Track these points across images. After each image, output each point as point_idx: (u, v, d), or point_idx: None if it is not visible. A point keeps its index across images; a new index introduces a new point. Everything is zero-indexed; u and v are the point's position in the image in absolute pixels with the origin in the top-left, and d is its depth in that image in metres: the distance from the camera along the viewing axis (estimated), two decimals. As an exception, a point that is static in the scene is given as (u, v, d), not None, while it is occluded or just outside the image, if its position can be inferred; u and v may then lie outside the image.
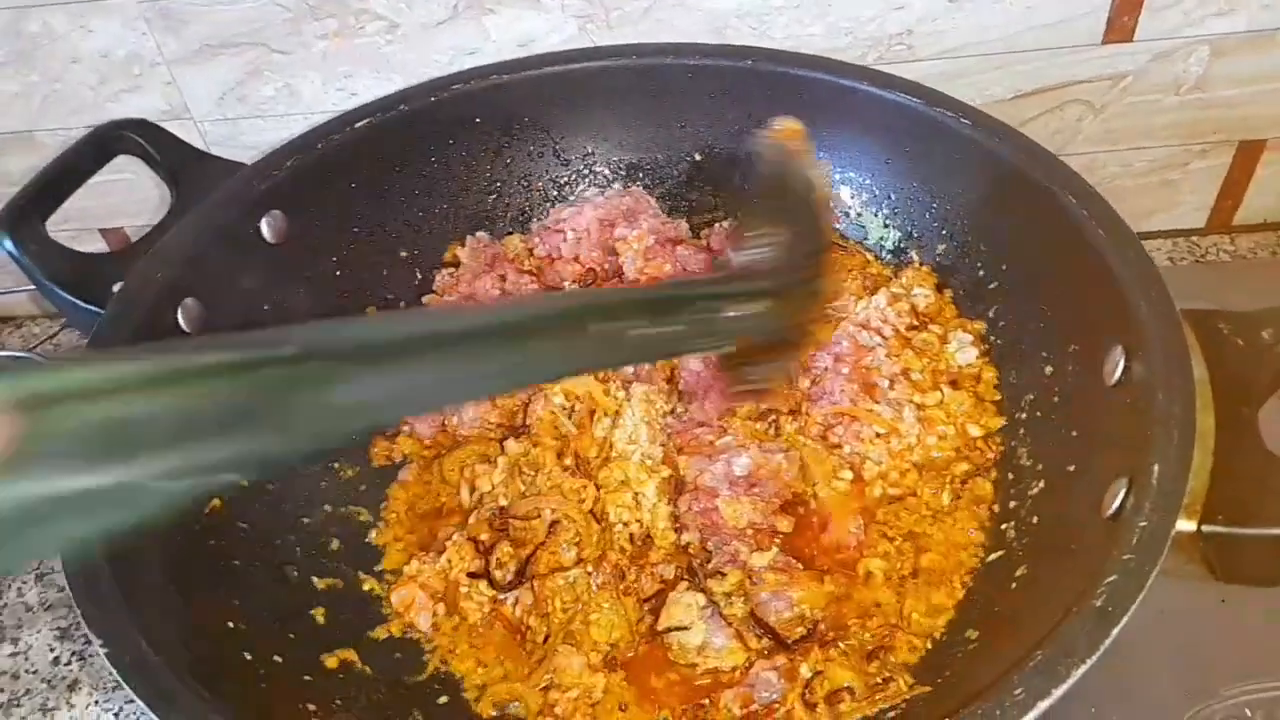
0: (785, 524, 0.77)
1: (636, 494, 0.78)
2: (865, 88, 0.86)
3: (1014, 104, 1.07)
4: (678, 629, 0.71)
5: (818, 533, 0.78)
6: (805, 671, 0.68)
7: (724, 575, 0.73)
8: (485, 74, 0.91)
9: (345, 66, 1.04)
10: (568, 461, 0.79)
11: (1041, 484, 0.73)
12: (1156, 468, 0.56)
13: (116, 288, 0.74)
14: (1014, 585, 0.68)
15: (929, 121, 0.83)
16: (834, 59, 0.89)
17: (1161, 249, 1.18)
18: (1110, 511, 0.59)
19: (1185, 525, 0.54)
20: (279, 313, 0.84)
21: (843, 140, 0.91)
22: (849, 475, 0.80)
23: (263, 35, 1.01)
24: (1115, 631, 0.50)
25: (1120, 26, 1.02)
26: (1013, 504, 0.74)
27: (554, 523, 0.75)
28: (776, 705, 0.67)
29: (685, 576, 0.75)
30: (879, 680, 0.67)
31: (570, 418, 0.81)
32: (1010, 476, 0.76)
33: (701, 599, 0.72)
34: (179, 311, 0.76)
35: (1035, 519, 0.71)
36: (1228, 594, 0.76)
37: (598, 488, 0.78)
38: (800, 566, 0.74)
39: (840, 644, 0.69)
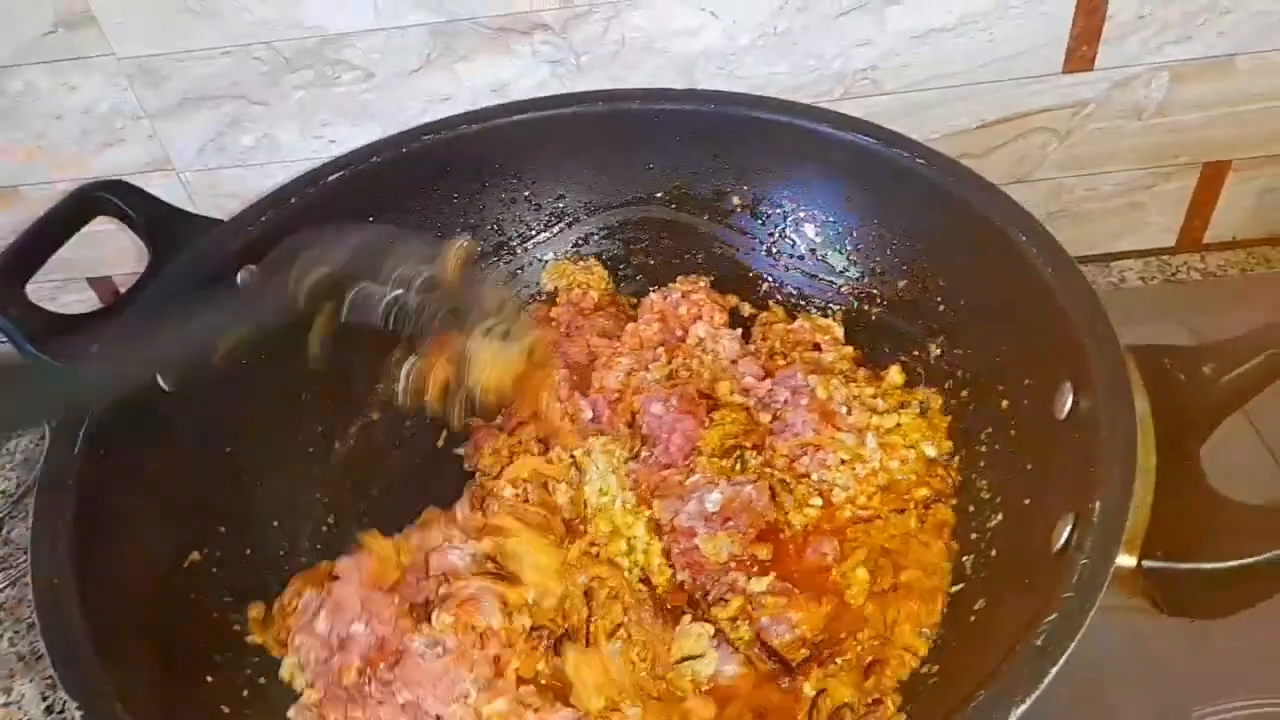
0: (764, 551, 0.78)
1: (629, 539, 0.80)
2: (824, 129, 0.87)
3: (979, 133, 1.09)
4: (690, 658, 0.73)
5: (796, 557, 0.79)
6: (809, 690, 0.70)
7: (726, 602, 0.74)
8: (455, 124, 0.93)
9: (323, 115, 1.06)
10: (552, 537, 0.80)
11: (1000, 516, 0.74)
12: (1099, 504, 0.57)
13: (94, 348, 0.75)
14: (973, 619, 0.69)
15: (886, 161, 0.85)
16: (794, 101, 0.91)
17: (1132, 269, 1.19)
18: (1058, 547, 0.60)
19: (1125, 561, 0.56)
20: (268, 367, 0.85)
21: (804, 179, 0.94)
22: (819, 501, 0.81)
23: (241, 88, 1.04)
24: (1054, 670, 0.51)
25: (1080, 56, 1.04)
26: (973, 535, 0.76)
27: (587, 590, 0.76)
28: None
29: (686, 609, 0.77)
30: (870, 701, 0.69)
31: (527, 501, 0.82)
32: (971, 509, 0.78)
33: (710, 629, 0.74)
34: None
35: (994, 552, 0.73)
36: (1169, 634, 0.76)
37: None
38: (796, 590, 0.75)
39: (838, 660, 0.71)
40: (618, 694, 0.70)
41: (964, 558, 0.75)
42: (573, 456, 0.84)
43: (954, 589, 0.73)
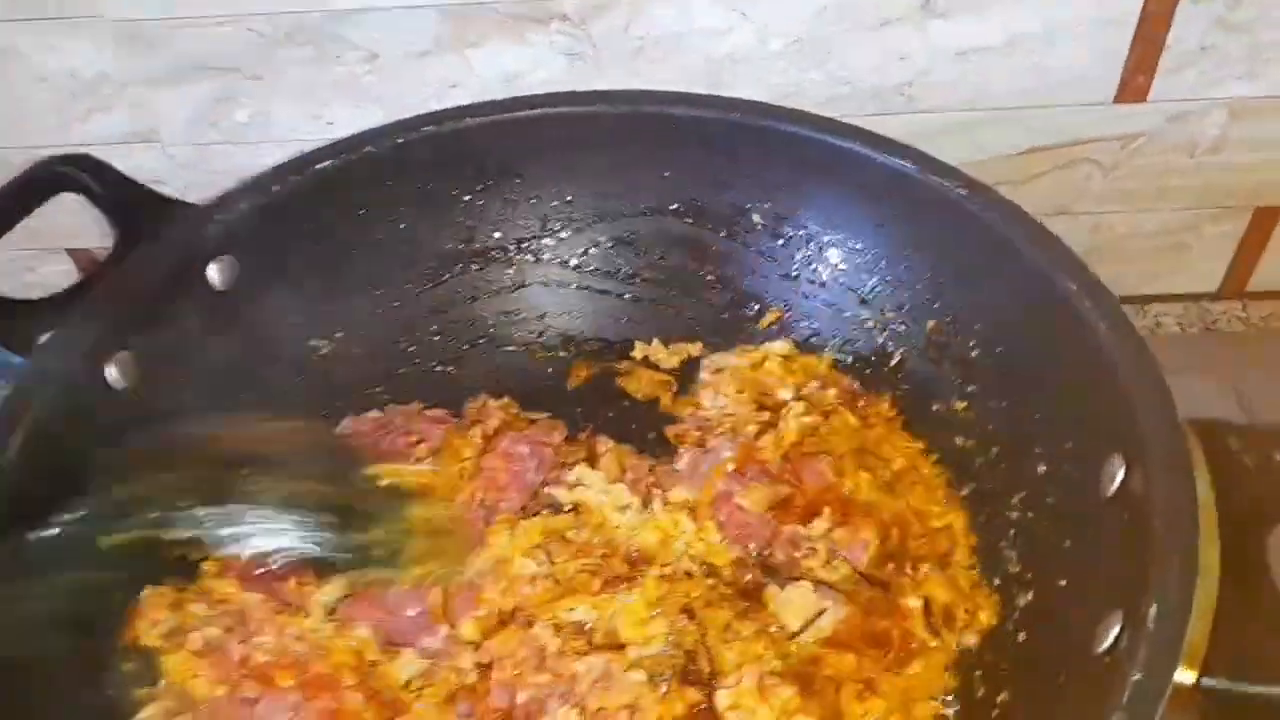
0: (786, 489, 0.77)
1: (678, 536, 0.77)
2: (858, 149, 0.80)
3: (1019, 160, 1.03)
4: (816, 618, 0.70)
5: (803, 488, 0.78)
6: (914, 603, 0.69)
7: (815, 551, 0.73)
8: (458, 116, 0.86)
9: (322, 95, 0.99)
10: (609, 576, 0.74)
11: (1030, 595, 0.68)
12: (1155, 608, 0.50)
13: (42, 340, 0.68)
14: (995, 712, 0.62)
15: (924, 188, 0.78)
16: (828, 117, 0.84)
17: (1170, 314, 1.14)
18: (1102, 648, 0.54)
19: (1183, 676, 0.49)
20: (231, 368, 0.79)
21: (832, 200, 0.87)
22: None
23: (236, 60, 0.97)
24: (1098, 808, 0.45)
25: (1135, 86, 0.98)
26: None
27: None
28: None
29: (766, 581, 0.74)
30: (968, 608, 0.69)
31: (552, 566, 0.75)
32: (997, 582, 0.71)
33: (807, 584, 0.72)
34: (110, 367, 0.71)
35: (1021, 636, 0.66)
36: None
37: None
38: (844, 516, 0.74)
39: (921, 566, 0.71)
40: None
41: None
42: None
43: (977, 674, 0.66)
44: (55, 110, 1.01)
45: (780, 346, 0.89)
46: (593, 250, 0.95)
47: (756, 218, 0.90)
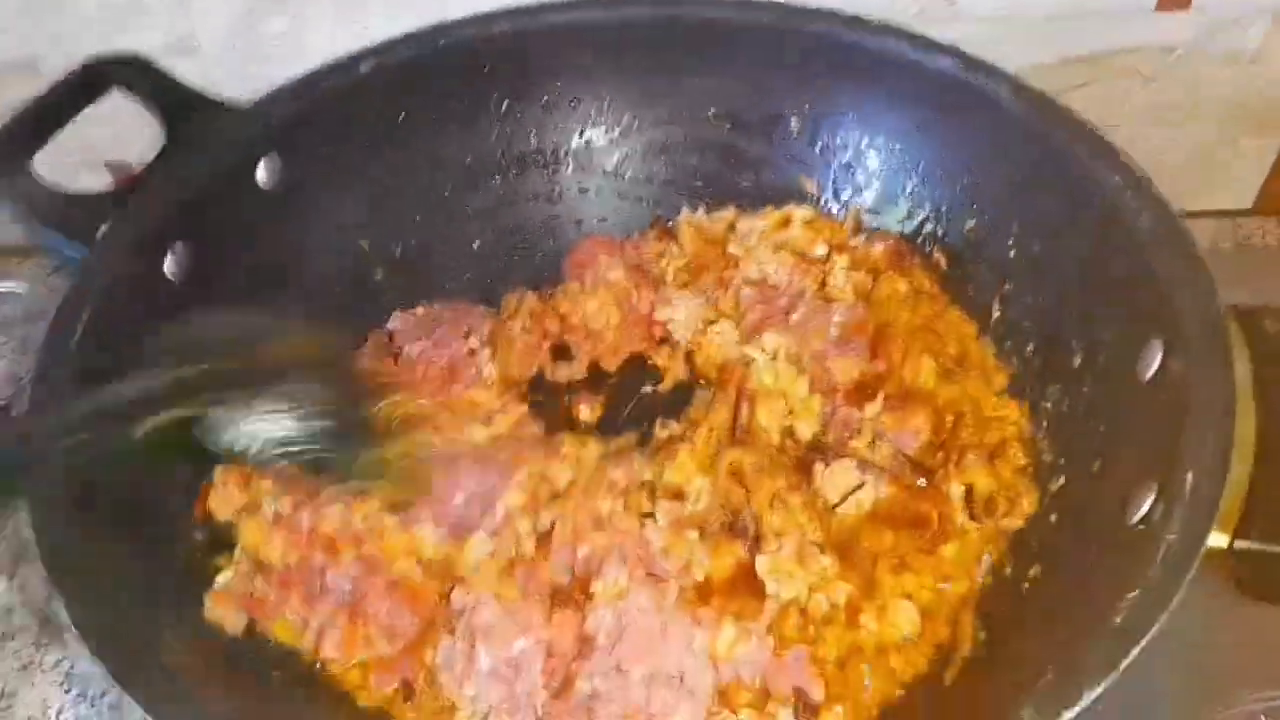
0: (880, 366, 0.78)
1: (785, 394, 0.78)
2: (899, 48, 0.80)
3: (1061, 69, 1.02)
4: (854, 491, 0.72)
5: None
6: (956, 490, 0.70)
7: (860, 432, 0.75)
8: (496, 19, 0.86)
9: (359, 4, 0.99)
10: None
11: (1062, 480, 0.69)
12: (1190, 476, 0.52)
13: (101, 230, 0.70)
14: (1026, 586, 0.64)
15: (966, 88, 0.78)
16: (869, 18, 0.84)
17: (1204, 231, 1.13)
18: (1136, 519, 0.55)
19: (1217, 540, 0.51)
20: (277, 263, 0.81)
21: (872, 103, 0.86)
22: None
23: (272, -31, 0.97)
24: (1134, 652, 0.46)
25: (1177, -8, 0.96)
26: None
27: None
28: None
29: (815, 457, 0.76)
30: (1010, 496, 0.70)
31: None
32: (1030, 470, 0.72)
33: (850, 461, 0.74)
34: (167, 258, 0.72)
35: (1053, 517, 0.68)
36: (1243, 615, 0.73)
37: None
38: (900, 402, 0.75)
39: (967, 455, 0.72)
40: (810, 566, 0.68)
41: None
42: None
43: (1005, 556, 0.68)
44: (96, 21, 1.02)
45: (802, 211, 0.89)
46: (629, 157, 0.95)
47: (794, 123, 0.90)
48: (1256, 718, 0.72)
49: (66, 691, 0.82)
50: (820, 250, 0.86)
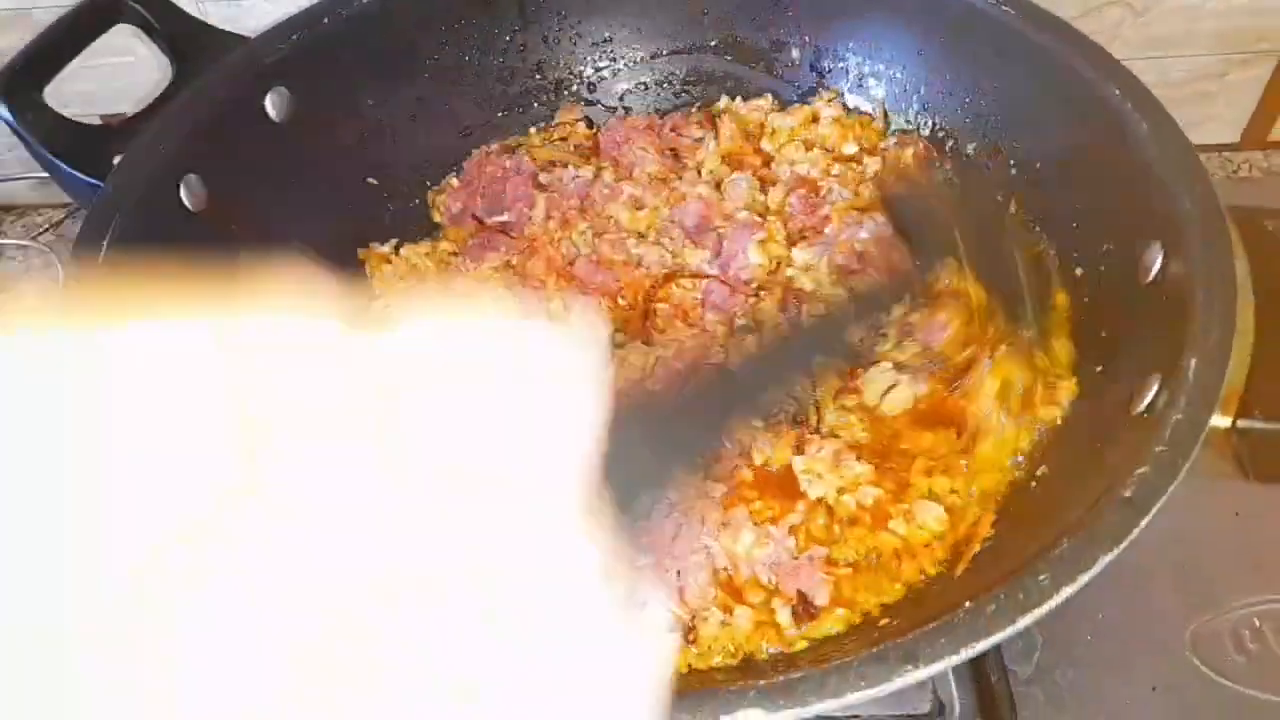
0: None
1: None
2: (900, -29, 0.81)
3: (1051, 3, 1.03)
4: (890, 390, 0.74)
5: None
6: (992, 385, 0.71)
7: (885, 336, 0.76)
8: (499, -48, 0.87)
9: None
10: None
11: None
12: (1193, 362, 0.54)
13: (117, 160, 0.71)
14: (1034, 485, 0.66)
15: (966, 8, 0.79)
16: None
17: (1195, 163, 1.14)
18: (1141, 408, 0.57)
19: (1220, 421, 0.53)
20: (282, 194, 0.81)
21: (873, 28, 0.88)
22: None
23: (269, -94, 0.97)
24: (1144, 521, 0.49)
25: (1168, -79, 0.97)
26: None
27: None
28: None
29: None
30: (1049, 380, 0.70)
31: None
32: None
33: (885, 363, 0.75)
34: (181, 188, 0.73)
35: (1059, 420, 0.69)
36: (1241, 505, 0.75)
37: None
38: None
39: (1001, 347, 0.72)
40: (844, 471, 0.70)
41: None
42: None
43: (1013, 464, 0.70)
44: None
45: (830, 109, 0.90)
46: (633, 90, 0.96)
47: (795, 53, 0.92)
48: (1251, 621, 0.75)
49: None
50: (850, 148, 0.87)
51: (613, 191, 0.87)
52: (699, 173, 0.89)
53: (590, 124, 0.95)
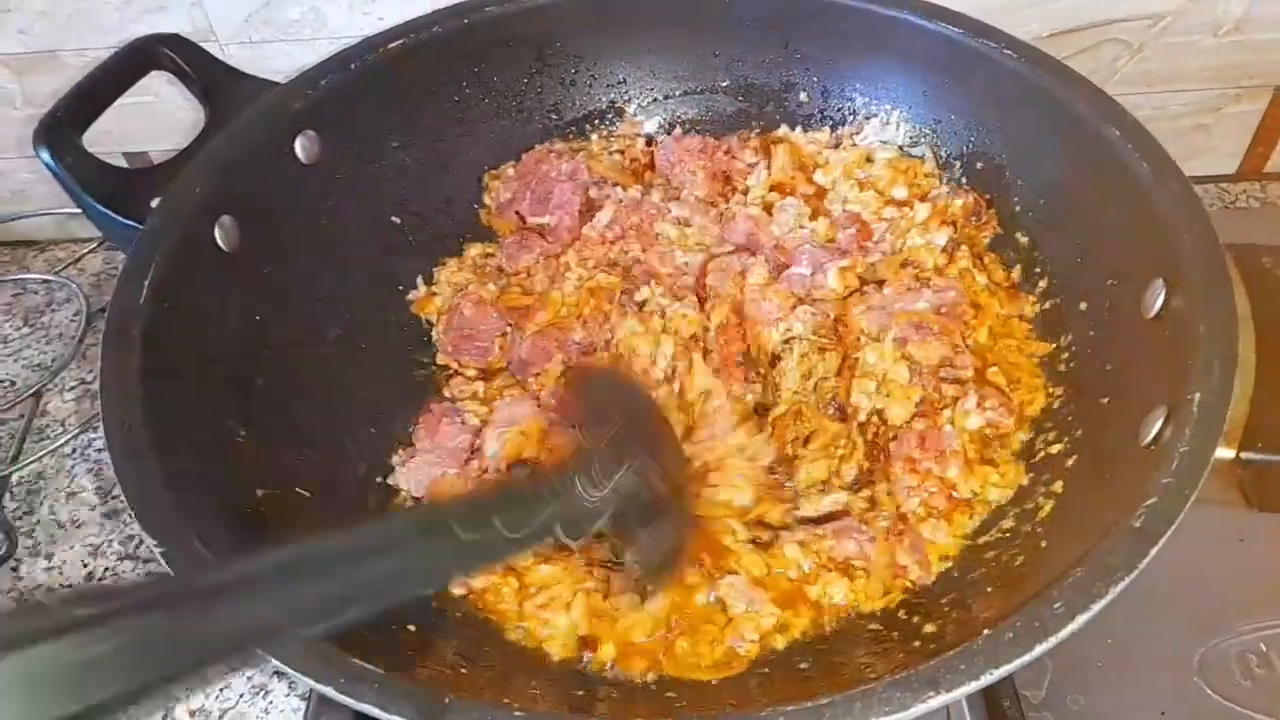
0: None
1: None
2: (906, 17, 0.84)
3: (1050, 42, 1.05)
4: None
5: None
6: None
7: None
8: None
9: (373, -11, 1.02)
10: None
11: (1074, 418, 0.73)
12: (1197, 396, 0.56)
13: (155, 203, 0.73)
14: (1043, 515, 0.68)
15: (970, 52, 0.82)
16: (871, -12, 0.88)
17: (1191, 195, 1.17)
18: (1148, 440, 0.59)
19: (1224, 453, 0.55)
20: (315, 234, 0.84)
21: (879, 70, 0.91)
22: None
23: (285, -42, 1.00)
24: (1154, 550, 0.51)
25: (1161, -37, 1.00)
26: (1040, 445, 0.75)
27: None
28: None
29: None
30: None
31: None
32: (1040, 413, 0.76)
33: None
34: (216, 229, 0.75)
35: (1072, 460, 0.71)
36: (1246, 532, 0.77)
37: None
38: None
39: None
40: None
41: (1034, 458, 0.74)
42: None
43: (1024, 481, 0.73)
44: (113, 11, 1.04)
45: (886, 151, 0.92)
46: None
47: (804, 95, 0.95)
48: (1257, 646, 0.76)
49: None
50: (900, 192, 0.89)
51: (659, 211, 0.90)
52: (746, 195, 0.92)
53: (649, 141, 0.98)
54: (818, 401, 0.79)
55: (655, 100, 0.98)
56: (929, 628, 0.64)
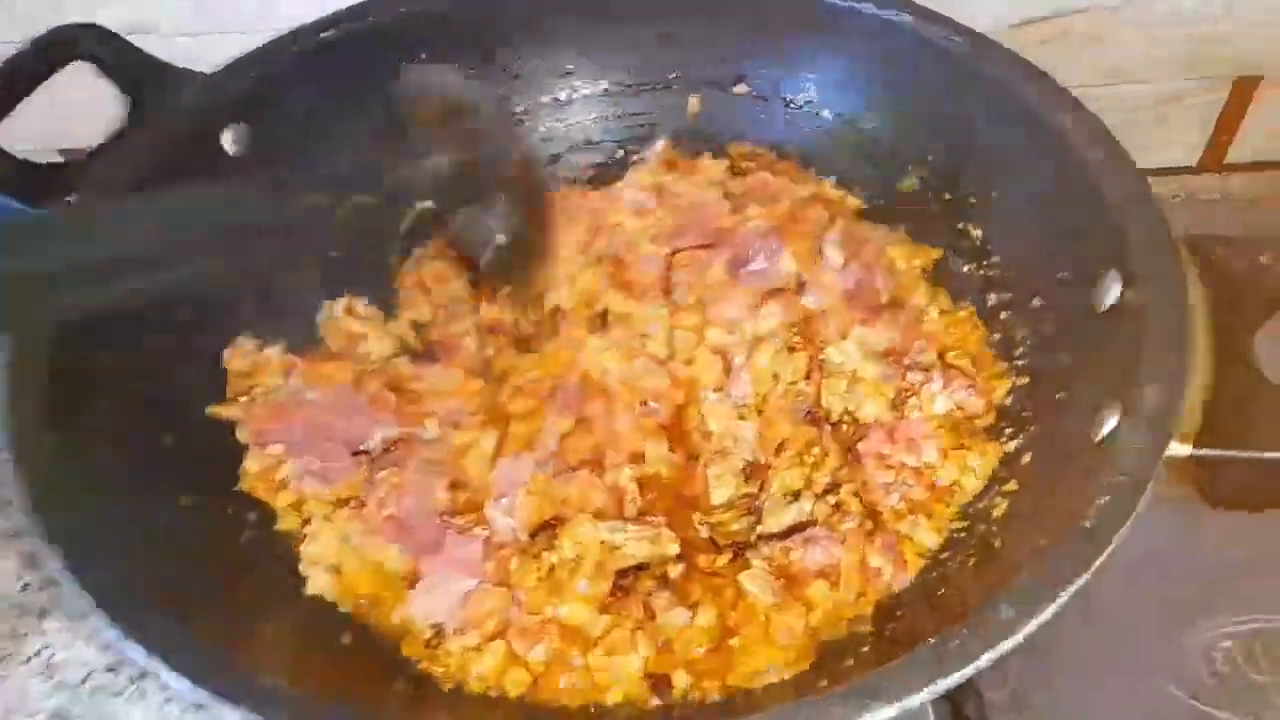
0: None
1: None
2: (858, 5, 0.82)
3: (1012, 33, 1.04)
4: None
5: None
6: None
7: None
8: (454, -13, 0.87)
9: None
10: None
11: (1029, 413, 0.71)
12: (1149, 391, 0.54)
13: (71, 198, 0.70)
14: (997, 514, 0.66)
15: (921, 41, 0.80)
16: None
17: (1152, 186, 1.16)
18: (1100, 437, 0.57)
19: (1179, 449, 0.53)
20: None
21: (828, 60, 0.89)
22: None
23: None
24: (1107, 551, 0.49)
25: (1122, -48, 0.99)
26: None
27: None
28: None
29: None
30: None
31: None
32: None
33: None
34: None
35: (1027, 458, 0.69)
36: (1209, 530, 0.76)
37: None
38: None
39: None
40: None
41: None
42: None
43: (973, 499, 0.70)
44: (54, 3, 1.01)
45: None
46: (597, 120, 0.96)
47: (757, 82, 0.92)
48: (1220, 643, 0.75)
49: (47, 680, 0.81)
50: None
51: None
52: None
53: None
54: (788, 407, 0.76)
55: (602, 94, 0.95)
56: (892, 633, 0.63)
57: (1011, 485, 0.68)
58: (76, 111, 1.02)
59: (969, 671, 0.46)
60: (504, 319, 0.82)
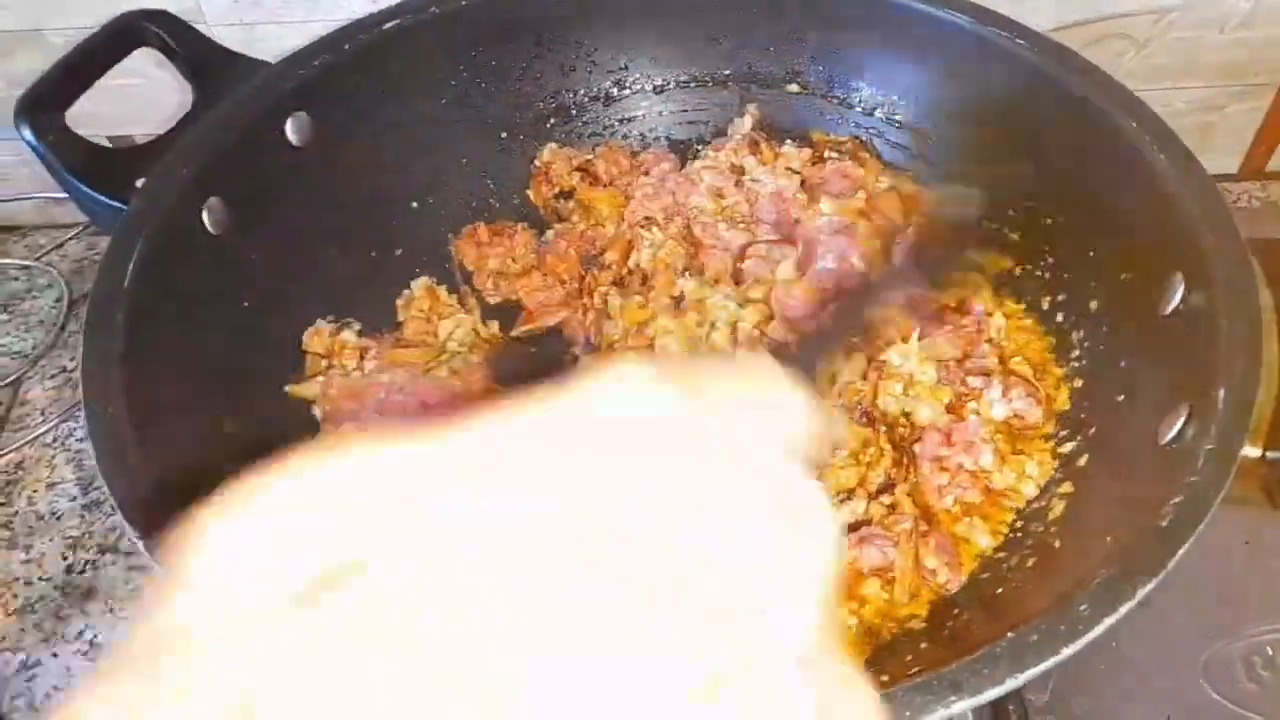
0: None
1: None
2: (915, 5, 0.82)
3: (1054, 36, 1.04)
4: None
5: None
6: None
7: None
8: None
9: (366, -28, 1.00)
10: None
11: (1088, 416, 0.71)
12: (1223, 392, 0.55)
13: (140, 183, 0.70)
14: (1054, 515, 0.67)
15: (980, 42, 0.80)
16: (880, -24, 0.86)
17: (1194, 193, 1.16)
18: (1168, 439, 0.58)
19: (1250, 451, 0.53)
20: (306, 218, 0.81)
21: (886, 61, 0.89)
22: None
23: (279, -65, 0.97)
24: (1182, 550, 0.49)
25: (1169, -43, 0.99)
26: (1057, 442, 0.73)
27: None
28: None
29: None
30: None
31: None
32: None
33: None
34: (204, 212, 0.73)
35: (1084, 460, 0.70)
36: (1254, 534, 0.76)
37: None
38: None
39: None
40: None
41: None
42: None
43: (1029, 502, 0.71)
44: (99, -8, 1.02)
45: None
46: (649, 115, 0.97)
47: (811, 79, 0.93)
48: (1263, 649, 0.75)
49: (90, 660, 0.82)
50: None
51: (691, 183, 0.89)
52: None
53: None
54: (845, 406, 0.76)
55: (655, 88, 0.96)
56: (950, 631, 0.63)
57: (1067, 487, 0.69)
58: (126, 97, 1.04)
59: (1049, 665, 0.46)
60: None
